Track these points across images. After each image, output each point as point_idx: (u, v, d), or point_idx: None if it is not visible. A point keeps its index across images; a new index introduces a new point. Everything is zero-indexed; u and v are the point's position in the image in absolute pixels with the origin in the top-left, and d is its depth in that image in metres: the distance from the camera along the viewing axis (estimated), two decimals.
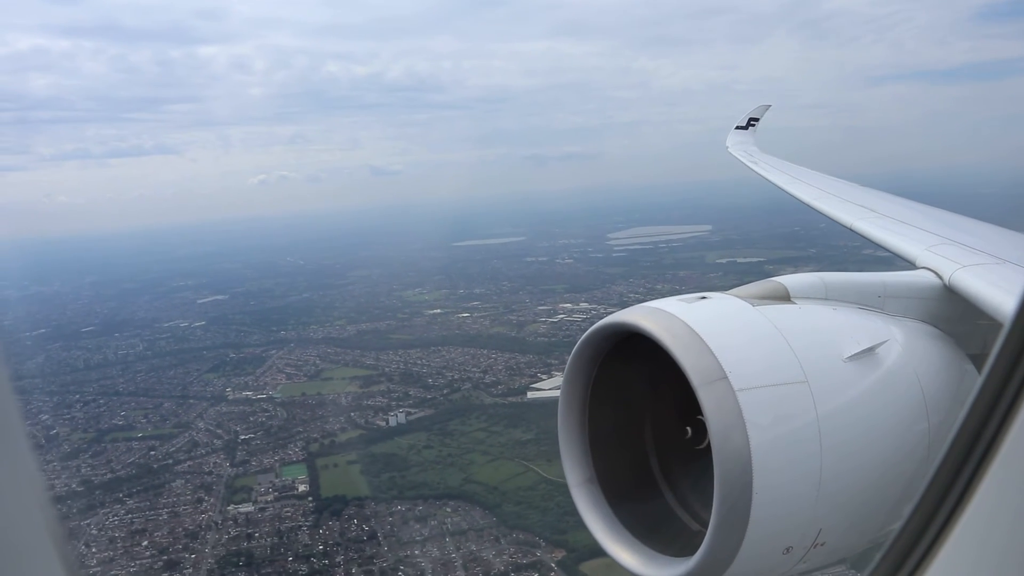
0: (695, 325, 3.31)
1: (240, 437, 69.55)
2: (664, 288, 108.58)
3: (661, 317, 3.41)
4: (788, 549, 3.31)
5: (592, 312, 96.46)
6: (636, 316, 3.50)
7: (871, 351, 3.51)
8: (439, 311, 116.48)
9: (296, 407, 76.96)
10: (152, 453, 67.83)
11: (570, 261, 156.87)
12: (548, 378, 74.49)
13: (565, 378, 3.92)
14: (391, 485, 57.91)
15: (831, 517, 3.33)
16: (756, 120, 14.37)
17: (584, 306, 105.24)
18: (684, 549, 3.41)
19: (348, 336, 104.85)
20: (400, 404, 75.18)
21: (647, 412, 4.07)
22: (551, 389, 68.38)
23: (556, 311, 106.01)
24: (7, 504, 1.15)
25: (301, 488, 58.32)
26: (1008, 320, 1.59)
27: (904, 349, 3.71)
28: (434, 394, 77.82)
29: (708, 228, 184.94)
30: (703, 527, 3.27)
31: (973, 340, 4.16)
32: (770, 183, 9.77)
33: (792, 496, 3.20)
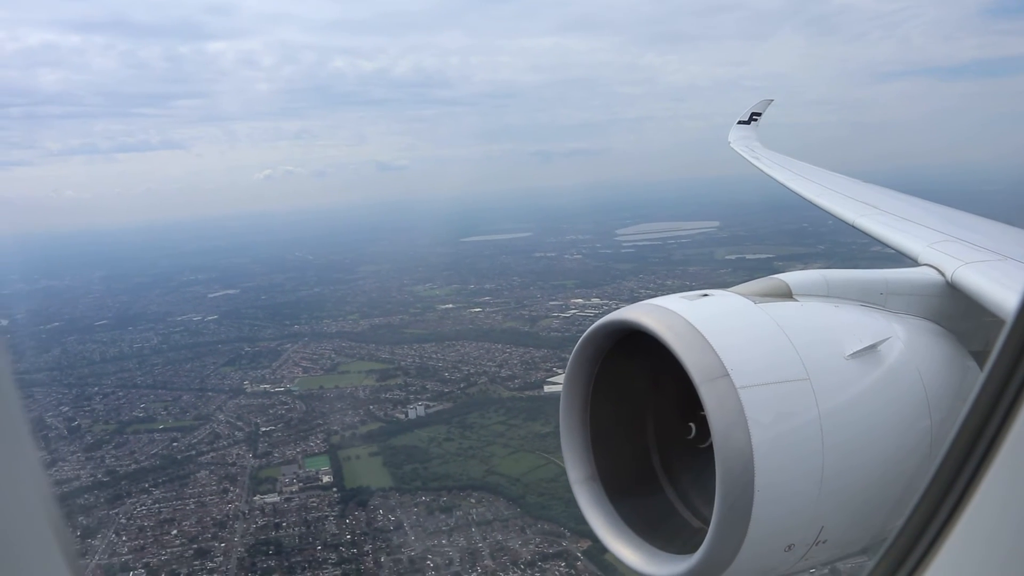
0: (697, 322, 3.32)
1: (261, 429, 70.40)
2: (674, 284, 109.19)
3: (663, 314, 3.41)
4: (790, 546, 3.31)
5: (604, 307, 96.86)
6: (638, 313, 3.49)
7: (873, 348, 3.51)
8: (451, 306, 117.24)
9: (314, 400, 77.81)
10: (175, 444, 68.66)
11: (579, 257, 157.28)
12: (564, 373, 74.96)
13: (567, 375, 3.93)
14: (414, 476, 58.71)
15: (833, 514, 3.33)
16: (758, 115, 14.27)
17: (596, 301, 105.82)
18: (686, 546, 3.42)
19: (362, 330, 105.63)
20: (418, 397, 75.93)
21: (649, 409, 4.08)
22: None
23: (568, 306, 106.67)
24: (9, 500, 1.13)
25: (325, 479, 59.14)
26: (1010, 317, 1.60)
27: (906, 346, 3.71)
28: (451, 388, 78.51)
29: (716, 224, 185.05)
30: (705, 524, 3.29)
31: (975, 337, 4.16)
32: (772, 179, 9.73)
33: (794, 493, 3.20)
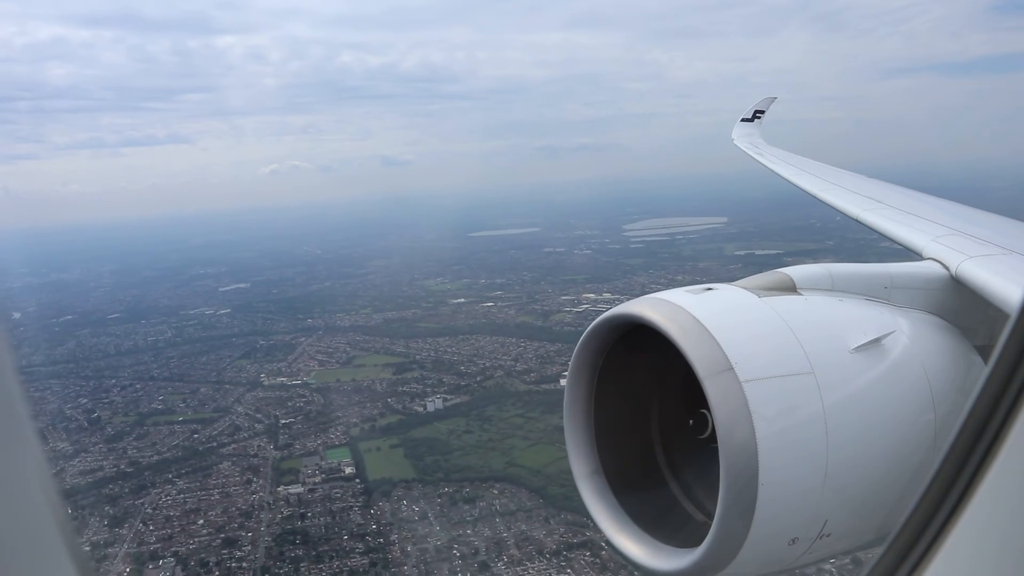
0: (701, 316, 3.32)
1: (280, 421, 71.08)
2: (685, 279, 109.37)
3: (667, 308, 3.42)
4: (794, 540, 3.32)
5: (616, 302, 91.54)
6: (642, 307, 3.49)
7: (877, 342, 3.51)
8: (462, 300, 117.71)
9: (332, 393, 78.41)
10: (195, 436, 69.33)
11: (588, 252, 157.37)
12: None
13: (571, 369, 3.93)
14: (436, 468, 59.33)
15: (837, 508, 3.33)
16: (762, 112, 14.30)
17: (608, 296, 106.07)
18: (690, 540, 3.43)
19: (375, 324, 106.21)
20: (435, 390, 76.49)
21: (653, 403, 4.09)
22: None
23: (580, 301, 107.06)
24: (14, 497, 1.13)
25: (348, 470, 59.76)
26: (1015, 311, 1.60)
27: (910, 340, 3.70)
28: (467, 381, 79.06)
29: (724, 220, 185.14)
30: (709, 518, 3.30)
31: (980, 331, 4.16)
32: (776, 175, 9.73)
33: (798, 487, 3.20)
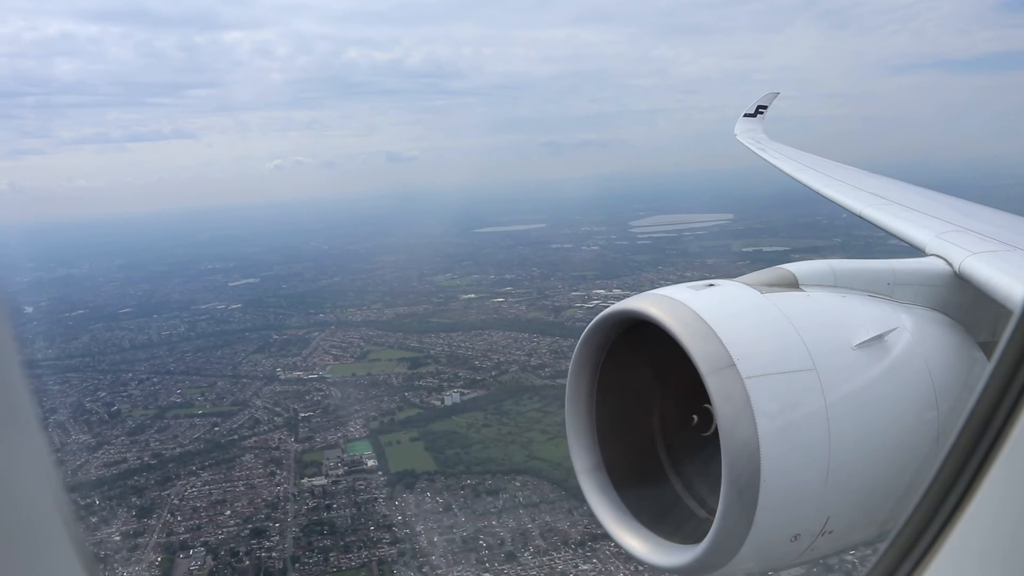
0: (703, 312, 3.32)
1: (300, 415, 71.92)
2: (694, 275, 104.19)
3: (669, 304, 3.42)
4: (796, 537, 3.32)
5: (626, 298, 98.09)
6: (644, 303, 3.50)
7: (880, 339, 3.50)
8: (473, 296, 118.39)
9: (349, 387, 79.28)
10: (216, 429, 70.18)
11: (596, 248, 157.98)
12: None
13: (573, 364, 3.92)
14: (457, 461, 60.18)
15: (839, 505, 3.32)
16: (764, 108, 14.26)
17: (618, 292, 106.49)
18: (692, 536, 3.44)
19: (388, 319, 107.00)
20: (452, 385, 77.35)
21: (655, 399, 4.09)
22: None
23: (591, 297, 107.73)
24: (19, 492, 1.12)
25: (370, 463, 60.67)
26: (1018, 308, 1.60)
27: (913, 337, 3.69)
28: (483, 376, 79.93)
29: (730, 217, 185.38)
30: (710, 515, 3.29)
31: (983, 328, 4.14)
32: (780, 171, 9.69)
33: (800, 484, 3.20)
